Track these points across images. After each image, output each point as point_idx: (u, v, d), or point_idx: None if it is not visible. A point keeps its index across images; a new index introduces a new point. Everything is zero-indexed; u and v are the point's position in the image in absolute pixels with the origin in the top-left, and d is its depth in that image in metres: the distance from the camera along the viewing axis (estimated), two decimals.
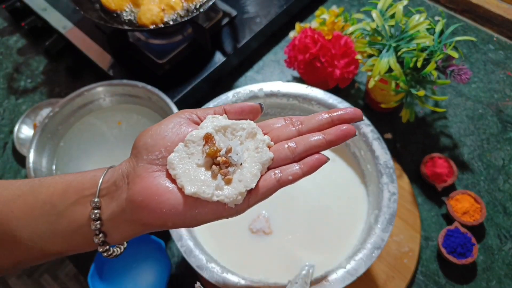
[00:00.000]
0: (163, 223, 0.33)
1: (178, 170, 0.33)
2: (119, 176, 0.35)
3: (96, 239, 0.35)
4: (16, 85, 0.89)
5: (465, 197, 0.69)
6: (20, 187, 0.37)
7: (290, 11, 0.92)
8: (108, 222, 0.34)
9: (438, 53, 0.64)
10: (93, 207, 0.34)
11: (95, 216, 0.34)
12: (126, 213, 0.34)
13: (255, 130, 0.36)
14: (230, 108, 0.38)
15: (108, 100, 0.77)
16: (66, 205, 0.35)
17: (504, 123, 0.79)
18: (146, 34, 0.84)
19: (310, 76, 0.80)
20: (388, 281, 0.64)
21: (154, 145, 0.34)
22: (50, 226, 0.35)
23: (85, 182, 0.35)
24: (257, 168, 0.34)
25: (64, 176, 0.37)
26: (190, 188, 0.33)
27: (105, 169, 0.36)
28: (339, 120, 0.35)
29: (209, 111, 0.37)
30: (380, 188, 0.58)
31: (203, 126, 0.36)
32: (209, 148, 0.34)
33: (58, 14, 0.88)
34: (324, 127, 0.36)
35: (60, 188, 0.35)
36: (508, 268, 0.66)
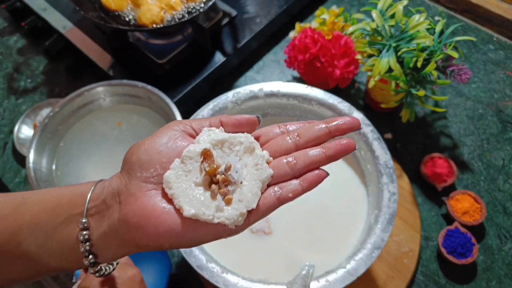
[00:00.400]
0: (159, 245, 0.32)
1: (175, 189, 0.32)
2: (109, 194, 0.32)
3: (86, 261, 0.33)
4: (16, 85, 0.89)
5: (465, 197, 0.69)
6: (7, 203, 0.35)
7: (290, 11, 0.92)
8: (99, 242, 0.32)
9: (438, 53, 0.64)
10: (81, 228, 0.32)
11: (83, 238, 0.32)
12: (119, 234, 0.32)
13: (254, 145, 0.35)
14: (227, 120, 0.36)
15: (108, 100, 0.77)
16: (55, 225, 0.33)
17: (504, 123, 0.79)
18: (146, 34, 0.84)
19: (310, 76, 0.80)
20: (388, 281, 0.64)
21: (149, 162, 0.32)
22: (40, 248, 0.33)
23: (73, 200, 0.33)
24: (257, 186, 0.33)
25: (50, 191, 0.35)
26: (189, 209, 0.31)
27: (93, 184, 0.34)
28: (336, 130, 0.34)
29: (204, 123, 0.36)
30: (380, 188, 0.58)
31: (200, 140, 0.34)
32: (209, 166, 0.32)
33: (58, 14, 0.88)
34: (322, 138, 0.35)
35: (47, 208, 0.34)
36: (508, 268, 0.66)
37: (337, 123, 0.34)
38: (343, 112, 0.63)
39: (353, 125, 0.34)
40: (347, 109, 0.63)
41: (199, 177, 0.33)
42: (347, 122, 0.34)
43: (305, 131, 0.35)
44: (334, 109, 0.64)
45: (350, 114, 0.62)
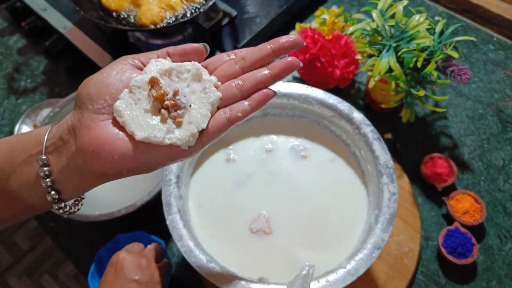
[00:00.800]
0: (117, 171, 0.33)
1: (126, 117, 0.33)
2: (64, 130, 0.34)
3: (49, 197, 0.34)
4: (16, 85, 0.89)
5: (465, 197, 0.69)
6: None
7: (290, 11, 0.92)
8: (60, 177, 0.34)
9: (438, 53, 0.64)
10: (41, 165, 0.33)
11: (44, 174, 0.33)
12: (77, 166, 0.33)
13: (201, 71, 0.36)
14: (173, 50, 0.37)
15: None
16: (13, 167, 0.34)
17: (504, 123, 0.79)
18: (146, 34, 0.84)
19: (310, 76, 0.80)
20: (388, 281, 0.64)
21: (98, 94, 0.33)
22: (2, 191, 0.34)
23: (30, 142, 0.34)
24: (206, 108, 0.34)
25: (7, 138, 0.36)
26: (141, 133, 0.33)
27: (49, 126, 0.35)
28: (279, 50, 0.36)
29: (152, 55, 0.37)
30: (380, 188, 0.58)
31: (147, 70, 0.35)
32: (156, 92, 0.34)
33: (58, 14, 0.88)
34: (267, 59, 0.36)
35: (5, 151, 0.35)
36: (508, 268, 0.66)
37: (280, 42, 0.36)
38: (343, 112, 0.63)
39: (296, 42, 0.36)
40: (347, 109, 0.63)
41: (148, 104, 0.34)
42: (290, 40, 0.36)
43: (250, 54, 0.37)
44: (334, 109, 0.64)
45: (350, 114, 0.63)
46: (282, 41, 0.36)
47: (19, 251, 1.35)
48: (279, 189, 0.64)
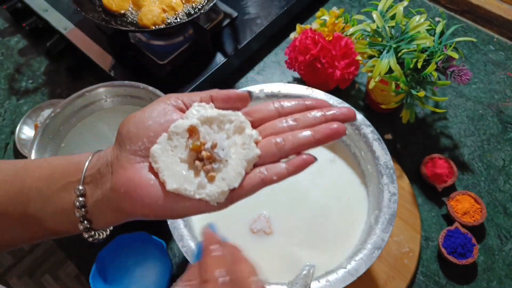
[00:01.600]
0: (145, 214, 0.33)
1: (161, 163, 0.33)
2: (103, 164, 0.34)
3: (81, 226, 0.35)
4: (17, 86, 0.89)
5: (465, 198, 0.69)
6: (5, 171, 0.36)
7: (290, 12, 0.93)
8: (93, 209, 0.34)
9: (439, 54, 0.64)
10: (78, 194, 0.34)
11: (79, 204, 0.34)
12: (110, 202, 0.34)
13: (244, 124, 0.35)
14: (217, 95, 0.36)
15: (110, 101, 0.77)
16: (52, 190, 0.35)
17: (504, 124, 0.79)
18: (147, 35, 0.84)
19: (311, 77, 0.80)
20: (389, 281, 0.64)
21: (137, 135, 0.33)
22: (37, 212, 0.35)
23: (71, 168, 0.35)
24: (241, 166, 0.33)
25: (50, 159, 0.36)
26: (172, 184, 0.32)
27: (90, 155, 0.36)
28: (333, 119, 0.35)
29: (195, 97, 0.36)
30: (380, 189, 0.58)
31: (188, 115, 0.34)
32: (193, 143, 0.33)
33: (59, 15, 0.88)
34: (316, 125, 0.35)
35: (46, 173, 0.35)
36: (508, 268, 0.66)
37: (333, 113, 0.35)
38: None
39: (349, 116, 0.35)
40: None
41: (184, 153, 0.33)
42: (343, 112, 0.35)
43: (302, 118, 0.35)
44: None
45: None
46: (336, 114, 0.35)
47: (20, 251, 1.35)
48: (280, 190, 0.64)
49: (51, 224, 0.35)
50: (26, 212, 0.35)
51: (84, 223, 0.34)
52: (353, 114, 0.35)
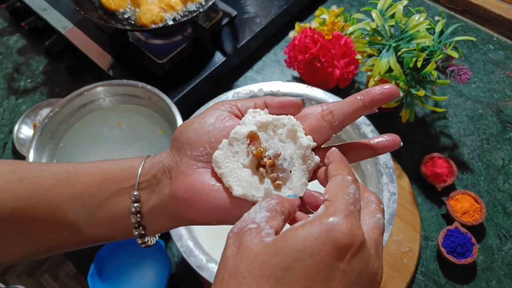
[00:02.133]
0: (207, 220, 0.33)
1: (224, 169, 0.33)
2: (160, 170, 0.34)
3: (136, 232, 0.34)
4: (16, 85, 0.89)
5: (465, 197, 0.69)
6: (55, 174, 0.36)
7: (290, 11, 0.92)
8: (148, 215, 0.34)
9: (438, 53, 0.64)
10: (133, 200, 0.34)
11: (135, 210, 0.34)
12: (168, 208, 0.33)
13: (295, 127, 0.35)
14: (271, 102, 0.36)
15: (108, 100, 0.77)
16: (105, 196, 0.34)
17: (504, 123, 0.79)
18: (146, 34, 0.84)
19: (310, 76, 0.80)
20: (388, 281, 0.64)
21: (198, 141, 0.33)
22: (89, 218, 0.34)
23: (123, 174, 0.35)
24: (305, 177, 0.34)
25: (100, 164, 0.36)
26: (238, 189, 0.32)
27: (142, 159, 0.35)
28: (371, 102, 0.34)
29: (249, 103, 0.36)
30: (380, 188, 0.58)
31: (245, 121, 0.35)
32: (256, 149, 0.33)
33: (58, 14, 0.88)
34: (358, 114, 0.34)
35: (97, 179, 0.35)
36: (508, 268, 0.66)
37: (372, 93, 0.33)
38: None
39: (390, 93, 0.33)
40: None
41: (246, 159, 0.34)
42: (384, 90, 0.33)
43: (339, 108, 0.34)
44: None
45: None
46: (375, 92, 0.33)
47: None
48: None
49: (101, 230, 0.35)
50: (77, 218, 0.34)
51: (139, 229, 0.34)
52: (394, 91, 0.33)
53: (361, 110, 0.34)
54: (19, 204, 0.34)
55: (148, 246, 0.37)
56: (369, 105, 0.33)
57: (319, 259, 0.25)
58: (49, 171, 0.36)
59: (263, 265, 0.26)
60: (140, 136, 0.75)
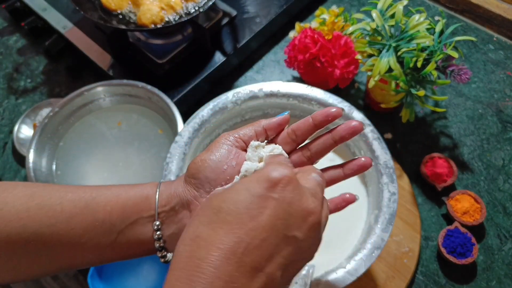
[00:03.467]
0: None
1: None
2: (178, 203, 0.37)
3: (159, 254, 0.38)
4: (16, 85, 0.89)
5: (465, 197, 0.69)
6: (73, 202, 0.37)
7: (290, 11, 0.92)
8: (168, 240, 0.37)
9: (438, 53, 0.64)
10: (155, 229, 0.37)
11: (157, 237, 0.37)
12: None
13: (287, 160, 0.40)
14: (269, 125, 0.40)
15: (108, 100, 0.77)
16: (125, 224, 0.37)
17: (504, 123, 0.79)
18: (146, 34, 0.84)
19: (310, 76, 0.80)
20: (388, 281, 0.64)
21: (216, 179, 0.37)
22: (111, 243, 0.37)
23: (141, 203, 0.37)
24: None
25: (115, 191, 0.38)
26: None
27: (156, 188, 0.38)
28: (340, 139, 0.41)
29: (250, 133, 0.40)
30: (380, 188, 0.58)
31: (250, 157, 0.38)
32: None
33: (58, 14, 0.88)
34: (329, 148, 0.42)
35: (117, 208, 0.37)
36: (508, 268, 0.66)
37: (341, 136, 0.40)
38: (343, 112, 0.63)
39: (355, 130, 0.40)
40: (347, 109, 0.63)
41: None
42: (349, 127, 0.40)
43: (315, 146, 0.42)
44: None
45: (350, 114, 0.62)
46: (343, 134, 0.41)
47: None
48: None
49: (122, 252, 0.38)
50: (99, 243, 0.37)
51: (163, 251, 0.38)
52: (359, 128, 0.40)
53: (332, 146, 0.41)
54: (41, 230, 0.36)
55: (167, 261, 0.39)
56: (339, 141, 0.41)
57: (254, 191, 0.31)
58: (66, 198, 0.37)
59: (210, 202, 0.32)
60: (140, 136, 0.75)
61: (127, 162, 0.72)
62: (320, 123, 0.40)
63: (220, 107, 0.64)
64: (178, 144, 0.61)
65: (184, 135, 0.62)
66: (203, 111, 0.64)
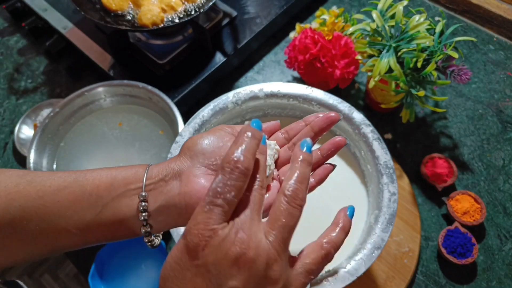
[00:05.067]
0: None
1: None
2: (169, 173, 0.37)
3: (143, 230, 0.37)
4: (16, 86, 0.89)
5: (465, 197, 0.69)
6: (63, 177, 0.38)
7: (290, 11, 0.92)
8: (154, 214, 0.37)
9: (438, 53, 0.64)
10: (141, 200, 0.36)
11: (143, 208, 0.36)
12: (176, 207, 0.36)
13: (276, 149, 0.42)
14: (265, 127, 0.43)
15: (109, 101, 0.77)
16: (112, 197, 0.37)
17: (504, 123, 0.79)
18: (146, 35, 0.84)
19: (310, 77, 0.80)
20: (388, 281, 0.64)
21: (212, 152, 0.37)
22: (95, 217, 0.36)
23: (130, 177, 0.37)
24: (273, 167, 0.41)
25: (107, 169, 0.39)
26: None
27: (146, 166, 0.38)
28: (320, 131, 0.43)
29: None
30: (380, 188, 0.58)
31: None
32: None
33: (58, 15, 0.88)
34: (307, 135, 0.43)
35: (105, 181, 0.37)
36: (508, 268, 0.66)
37: (319, 126, 0.42)
38: (343, 112, 0.63)
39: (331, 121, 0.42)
40: (347, 109, 0.63)
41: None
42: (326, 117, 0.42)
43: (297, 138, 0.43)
44: (334, 109, 0.64)
45: (350, 114, 0.63)
46: (322, 126, 0.42)
47: None
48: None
49: (106, 229, 0.37)
50: (84, 217, 0.36)
51: (146, 226, 0.37)
52: (334, 119, 0.42)
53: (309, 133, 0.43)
54: (28, 203, 0.36)
55: (154, 246, 0.39)
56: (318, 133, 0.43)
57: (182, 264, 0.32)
58: (57, 175, 0.38)
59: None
60: (141, 136, 0.75)
61: (128, 163, 0.72)
62: (315, 127, 0.43)
63: (220, 108, 0.65)
64: (179, 144, 0.61)
65: (185, 135, 0.62)
66: (204, 111, 0.64)
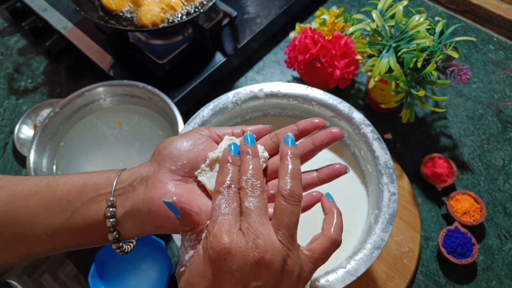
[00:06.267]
0: (175, 228, 0.35)
1: (210, 186, 0.36)
2: (137, 178, 0.37)
3: (111, 236, 0.36)
4: (16, 86, 0.89)
5: (465, 197, 0.69)
6: (35, 182, 0.37)
7: (290, 11, 0.92)
8: (122, 220, 0.36)
9: (438, 53, 0.64)
10: (109, 205, 0.36)
11: (110, 214, 0.36)
12: (141, 213, 0.35)
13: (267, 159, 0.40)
14: (247, 128, 0.41)
15: (109, 101, 0.77)
16: (81, 202, 0.36)
17: (504, 123, 0.79)
18: (146, 35, 0.84)
19: (310, 77, 0.80)
20: (388, 281, 0.64)
21: (179, 156, 0.37)
22: (65, 222, 0.36)
23: (101, 182, 0.37)
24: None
25: (80, 174, 0.38)
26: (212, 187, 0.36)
27: (119, 171, 0.38)
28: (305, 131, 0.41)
29: (227, 130, 0.40)
30: (380, 188, 0.58)
31: (222, 146, 0.38)
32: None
33: (58, 15, 0.88)
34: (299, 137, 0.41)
35: (76, 186, 0.37)
36: (508, 268, 0.66)
37: (321, 140, 0.41)
38: (343, 112, 0.63)
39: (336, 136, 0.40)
40: (347, 109, 0.63)
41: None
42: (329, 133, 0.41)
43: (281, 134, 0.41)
44: (334, 109, 0.64)
45: (350, 114, 0.63)
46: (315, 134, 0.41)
47: None
48: None
49: (76, 234, 0.37)
50: (54, 222, 0.36)
51: (114, 233, 0.36)
52: (322, 124, 0.40)
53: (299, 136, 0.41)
54: (0, 209, 0.36)
55: (124, 252, 0.39)
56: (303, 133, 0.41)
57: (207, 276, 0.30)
58: (30, 180, 0.38)
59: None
60: (141, 136, 0.75)
61: (128, 163, 0.72)
62: (304, 130, 0.40)
63: (220, 108, 0.65)
64: None
65: None
66: (204, 111, 0.64)
